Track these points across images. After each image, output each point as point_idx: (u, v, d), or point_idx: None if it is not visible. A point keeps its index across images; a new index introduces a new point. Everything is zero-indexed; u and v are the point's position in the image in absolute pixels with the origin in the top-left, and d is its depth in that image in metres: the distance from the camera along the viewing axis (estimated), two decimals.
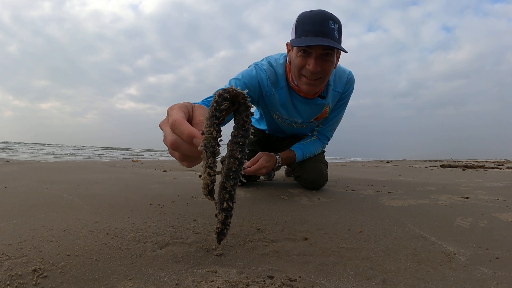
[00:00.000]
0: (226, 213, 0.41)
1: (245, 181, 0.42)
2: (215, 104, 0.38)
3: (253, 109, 0.47)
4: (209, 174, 0.40)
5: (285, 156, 1.46)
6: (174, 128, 0.44)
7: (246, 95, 0.39)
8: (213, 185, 0.41)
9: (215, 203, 0.43)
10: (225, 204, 0.40)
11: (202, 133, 0.41)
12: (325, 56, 1.18)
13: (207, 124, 0.39)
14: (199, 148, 0.39)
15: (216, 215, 0.42)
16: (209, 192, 0.41)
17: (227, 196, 0.40)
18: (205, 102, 1.13)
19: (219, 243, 0.44)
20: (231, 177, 0.40)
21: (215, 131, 0.39)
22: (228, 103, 0.39)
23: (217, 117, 0.38)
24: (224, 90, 0.39)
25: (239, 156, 0.40)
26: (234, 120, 0.41)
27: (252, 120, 1.82)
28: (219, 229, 0.42)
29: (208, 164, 0.40)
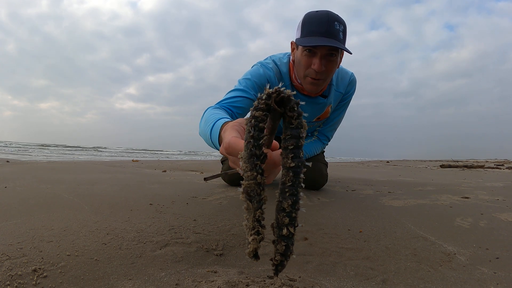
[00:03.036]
0: (287, 241, 0.32)
1: (304, 196, 0.36)
2: (252, 140, 0.31)
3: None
4: (258, 233, 0.32)
5: None
6: (230, 152, 0.41)
7: (279, 89, 0.30)
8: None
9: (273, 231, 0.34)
10: (284, 231, 0.31)
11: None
12: (329, 57, 1.19)
13: (246, 167, 0.31)
14: (240, 197, 0.33)
15: (273, 242, 0.33)
16: (255, 256, 0.33)
17: (286, 220, 0.31)
18: (223, 105, 1.14)
19: (277, 275, 0.34)
20: (288, 193, 0.31)
21: (259, 176, 0.31)
22: (264, 129, 0.31)
23: (258, 156, 0.31)
24: (255, 117, 0.30)
25: (292, 165, 0.30)
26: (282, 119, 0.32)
27: None
28: (278, 261, 0.33)
29: (256, 217, 0.32)
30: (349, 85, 1.49)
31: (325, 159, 1.76)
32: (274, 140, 0.38)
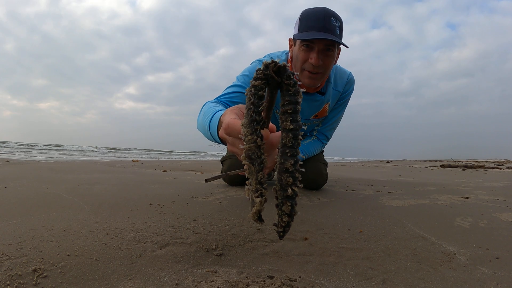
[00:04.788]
0: (291, 201, 0.33)
1: (304, 157, 0.38)
2: (252, 107, 0.33)
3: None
4: (261, 194, 0.34)
5: None
6: (229, 132, 0.42)
7: (275, 62, 0.33)
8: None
9: (275, 194, 0.35)
10: (289, 191, 0.33)
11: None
12: (326, 51, 1.21)
13: (247, 131, 0.33)
14: (242, 161, 0.35)
15: (277, 206, 0.34)
16: (259, 218, 0.35)
17: (290, 179, 0.33)
18: (221, 100, 1.15)
19: (282, 239, 0.36)
20: (289, 154, 0.33)
21: (259, 139, 0.33)
22: (263, 97, 0.34)
23: (258, 122, 0.34)
24: (254, 86, 0.33)
25: (291, 127, 0.32)
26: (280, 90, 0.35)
27: None
28: (286, 223, 0.34)
29: (259, 179, 0.34)
30: (347, 84, 1.50)
31: (325, 158, 1.76)
32: (271, 124, 0.40)
